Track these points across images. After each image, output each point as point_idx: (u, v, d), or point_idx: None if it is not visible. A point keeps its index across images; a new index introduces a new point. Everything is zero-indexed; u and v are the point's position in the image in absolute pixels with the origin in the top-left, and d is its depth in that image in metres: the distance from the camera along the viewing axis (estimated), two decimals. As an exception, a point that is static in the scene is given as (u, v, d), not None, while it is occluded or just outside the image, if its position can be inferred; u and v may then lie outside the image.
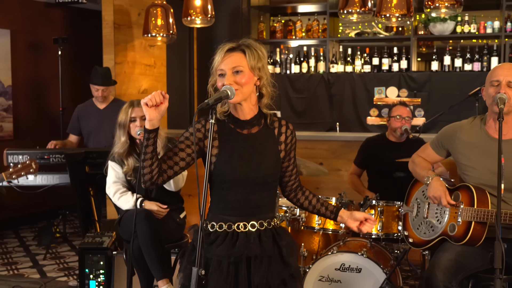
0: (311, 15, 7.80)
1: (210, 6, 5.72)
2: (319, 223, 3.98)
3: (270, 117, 2.48)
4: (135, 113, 3.83)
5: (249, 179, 2.41)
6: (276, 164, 2.47)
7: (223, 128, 2.47)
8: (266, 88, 2.45)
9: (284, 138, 2.50)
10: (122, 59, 6.07)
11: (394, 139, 4.60)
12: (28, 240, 6.55)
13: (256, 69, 2.40)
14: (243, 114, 2.45)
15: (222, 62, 2.39)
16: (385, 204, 3.94)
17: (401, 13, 5.04)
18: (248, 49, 2.40)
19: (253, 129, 2.46)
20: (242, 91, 2.38)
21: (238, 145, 2.44)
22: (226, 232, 2.42)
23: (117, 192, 3.78)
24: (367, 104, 7.10)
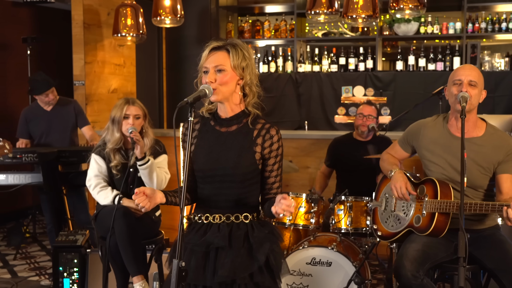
0: (278, 15, 7.91)
1: (180, 6, 5.79)
2: (289, 219, 4.09)
3: (253, 117, 2.51)
4: (129, 110, 3.87)
5: (217, 175, 2.50)
6: (247, 164, 2.49)
7: (203, 126, 2.58)
8: (250, 87, 2.50)
9: (261, 141, 2.51)
10: (92, 58, 6.09)
11: (360, 138, 4.73)
12: (-4, 240, 6.51)
13: (239, 69, 2.45)
14: (225, 112, 2.53)
15: (207, 60, 2.46)
16: (354, 199, 4.07)
17: (367, 14, 5.19)
18: (233, 49, 2.46)
19: (232, 127, 2.52)
20: (222, 90, 2.44)
21: (211, 142, 2.53)
22: (203, 223, 2.53)
23: (97, 186, 3.82)
24: (334, 103, 7.24)
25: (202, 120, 2.60)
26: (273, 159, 2.54)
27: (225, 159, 2.49)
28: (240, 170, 2.48)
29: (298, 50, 7.65)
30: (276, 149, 2.53)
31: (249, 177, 2.51)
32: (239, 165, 2.48)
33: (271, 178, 2.56)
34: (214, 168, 2.50)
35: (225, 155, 2.49)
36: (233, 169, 2.47)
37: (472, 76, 3.08)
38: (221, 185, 2.50)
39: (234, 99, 2.50)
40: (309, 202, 4.09)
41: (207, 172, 2.52)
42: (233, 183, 2.49)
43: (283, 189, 5.72)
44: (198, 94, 2.38)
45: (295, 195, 4.11)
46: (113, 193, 3.77)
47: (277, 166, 2.56)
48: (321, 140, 5.62)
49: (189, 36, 7.55)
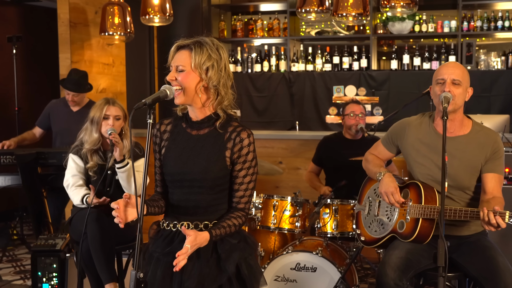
0: (272, 14, 7.80)
1: (169, 5, 5.68)
2: (274, 223, 3.98)
3: (223, 120, 2.38)
4: (109, 111, 3.76)
5: (185, 180, 2.39)
6: (217, 169, 2.36)
7: (175, 127, 2.47)
8: (217, 89, 2.36)
9: (232, 144, 2.38)
10: (79, 58, 5.98)
11: (350, 137, 4.63)
12: (-16, 243, 6.41)
13: (202, 69, 2.33)
14: (194, 115, 2.42)
15: (172, 59, 2.37)
16: (340, 202, 3.96)
17: (357, 12, 5.08)
18: (197, 48, 2.34)
19: (203, 130, 2.41)
20: (185, 93, 2.34)
21: (182, 145, 2.42)
22: (171, 230, 2.43)
23: (73, 185, 3.72)
24: (328, 103, 7.12)
25: (175, 121, 2.49)
26: (241, 165, 2.39)
27: (194, 164, 2.37)
28: (209, 175, 2.36)
29: (291, 49, 7.55)
30: (245, 154, 2.38)
31: (219, 183, 2.39)
32: (208, 170, 2.36)
33: (240, 191, 2.41)
34: (182, 173, 2.39)
35: (194, 159, 2.38)
36: (202, 174, 2.36)
37: (455, 74, 2.96)
38: (190, 190, 2.39)
39: (196, 102, 2.38)
40: (294, 206, 3.98)
41: (175, 177, 2.41)
42: (202, 188, 2.38)
43: (273, 191, 5.66)
44: (158, 95, 2.27)
45: (280, 199, 4.00)
46: (82, 193, 3.66)
47: (248, 178, 2.40)
48: (311, 140, 5.52)
49: (180, 35, 7.32)
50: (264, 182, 5.41)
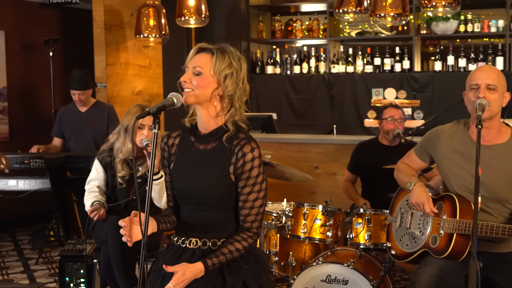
0: (311, 15, 7.65)
1: (204, 6, 5.61)
2: (304, 232, 3.82)
3: (231, 134, 2.25)
4: (145, 120, 3.57)
5: (192, 197, 2.28)
6: (222, 186, 2.24)
7: (183, 140, 2.35)
8: (231, 100, 2.24)
9: (235, 159, 2.24)
10: (114, 60, 5.97)
11: (387, 143, 4.43)
12: (23, 243, 6.46)
13: (220, 76, 2.21)
14: (203, 126, 2.29)
15: (190, 60, 2.25)
16: (373, 212, 3.77)
17: (396, 12, 4.89)
18: (218, 53, 2.22)
19: (210, 144, 2.29)
20: (195, 94, 2.21)
21: (189, 160, 2.31)
22: (179, 246, 2.33)
23: (87, 190, 3.66)
24: (369, 105, 6.93)
25: (183, 134, 2.37)
26: (244, 182, 2.23)
27: (199, 180, 2.26)
28: (215, 193, 2.24)
29: (331, 50, 7.38)
30: (248, 170, 2.23)
31: (225, 200, 2.26)
32: (213, 187, 2.24)
33: (245, 209, 2.27)
34: (188, 189, 2.28)
35: (199, 175, 2.26)
36: (207, 191, 2.24)
37: (490, 79, 2.75)
38: (197, 207, 2.28)
39: (210, 110, 2.25)
40: (325, 215, 3.82)
41: (182, 193, 2.31)
42: (209, 206, 2.26)
43: (309, 197, 5.51)
44: (164, 103, 2.16)
45: (311, 207, 3.85)
46: (91, 200, 3.58)
47: (253, 196, 2.25)
48: (348, 145, 5.33)
49: (218, 36, 7.36)
50: (299, 188, 5.27)
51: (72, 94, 5.18)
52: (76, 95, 5.15)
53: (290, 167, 4.05)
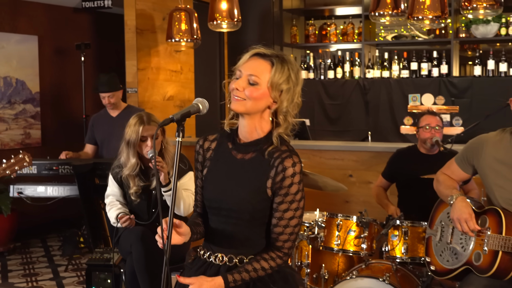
0: (346, 18, 7.48)
1: (237, 10, 5.50)
2: (338, 244, 3.67)
3: (274, 147, 2.08)
4: (146, 132, 3.48)
5: (222, 209, 2.13)
6: (256, 200, 2.08)
7: (219, 146, 2.19)
8: (285, 117, 2.08)
9: (274, 173, 2.07)
10: (146, 65, 5.90)
11: (425, 151, 4.25)
12: (53, 249, 6.44)
13: (277, 90, 2.04)
14: (244, 134, 2.13)
15: (244, 64, 2.06)
16: (410, 224, 3.59)
17: (434, 15, 4.70)
18: (278, 63, 2.05)
19: (248, 154, 2.12)
20: (246, 104, 2.03)
21: (224, 170, 2.15)
22: (204, 260, 2.19)
23: (109, 204, 3.57)
24: (405, 111, 6.73)
25: (220, 138, 2.20)
26: (281, 198, 2.07)
27: (232, 192, 2.10)
28: (248, 207, 2.08)
29: (366, 55, 7.20)
30: (287, 185, 2.06)
31: (258, 216, 2.10)
32: (246, 201, 2.08)
33: (278, 227, 2.10)
34: (219, 200, 2.13)
35: (233, 187, 2.11)
36: (239, 205, 2.09)
37: None
38: (227, 220, 2.13)
39: (258, 123, 2.09)
40: (359, 226, 3.65)
41: (212, 203, 2.16)
42: (240, 220, 2.10)
43: (342, 206, 5.34)
44: (188, 110, 2.02)
45: (344, 218, 3.69)
46: (114, 214, 3.48)
47: (289, 214, 2.08)
48: (384, 153, 5.14)
49: (250, 40, 7.25)
50: (332, 197, 5.11)
51: (101, 98, 5.13)
52: (105, 98, 5.09)
53: (323, 176, 3.89)
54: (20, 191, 4.32)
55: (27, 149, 6.66)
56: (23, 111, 6.68)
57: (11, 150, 6.50)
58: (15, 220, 6.15)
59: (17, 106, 6.62)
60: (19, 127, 6.66)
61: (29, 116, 6.75)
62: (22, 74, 6.64)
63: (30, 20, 6.73)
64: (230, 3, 5.46)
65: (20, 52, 6.59)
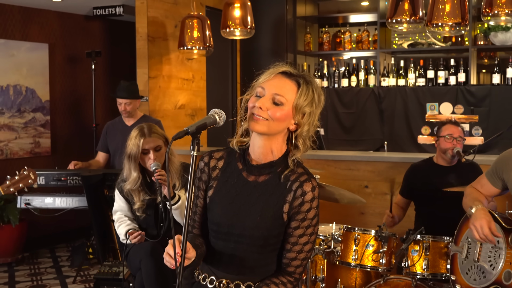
0: (361, 26, 7.34)
1: (250, 18, 5.40)
2: (355, 258, 3.52)
3: (290, 170, 1.98)
4: (147, 144, 3.35)
5: (233, 233, 1.99)
6: (271, 226, 1.96)
7: (228, 165, 2.05)
8: (304, 141, 1.98)
9: (291, 197, 1.96)
10: (157, 73, 5.80)
11: (444, 163, 4.09)
12: (62, 260, 6.33)
13: (300, 112, 1.94)
14: (258, 155, 2.00)
15: (268, 81, 1.94)
16: (432, 239, 3.44)
17: (454, 22, 4.56)
18: (304, 85, 1.95)
19: (262, 176, 2.00)
20: (269, 125, 1.92)
21: (234, 192, 2.01)
22: (207, 286, 2.04)
23: (117, 220, 3.44)
24: (421, 121, 6.59)
25: (228, 156, 2.07)
26: (298, 223, 1.96)
27: (246, 217, 1.97)
28: (262, 232, 1.95)
29: (381, 63, 7.05)
30: (305, 210, 1.95)
31: (272, 242, 1.98)
32: (261, 226, 1.95)
33: (292, 252, 1.99)
34: (231, 225, 1.99)
35: (246, 211, 1.97)
36: (253, 230, 1.95)
37: None
38: (236, 246, 1.99)
39: (275, 145, 1.98)
40: (378, 240, 3.50)
41: (221, 228, 2.01)
42: (252, 246, 1.97)
43: (358, 218, 5.19)
44: (204, 121, 1.88)
45: (362, 232, 3.54)
46: (124, 230, 3.36)
47: (304, 239, 1.97)
48: (401, 163, 5.00)
49: (263, 48, 7.15)
50: (347, 208, 4.96)
51: (118, 104, 5.03)
52: (122, 104, 4.99)
53: (340, 188, 3.75)
54: (27, 202, 4.21)
55: (36, 158, 6.62)
56: (32, 119, 6.59)
57: (20, 160, 6.43)
58: (24, 230, 6.05)
59: (27, 114, 6.54)
60: (29, 136, 6.57)
61: (38, 124, 6.67)
62: (32, 82, 6.57)
63: (41, 28, 6.65)
64: (243, 10, 5.37)
65: (30, 60, 6.52)
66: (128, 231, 3.35)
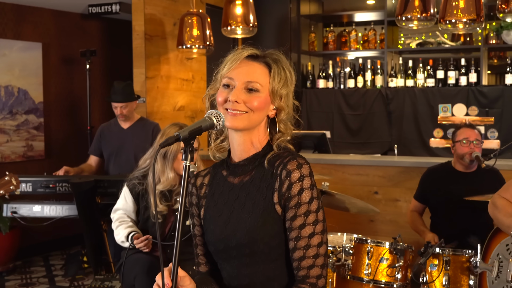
0: (367, 25, 7.07)
1: (252, 16, 5.12)
2: (368, 273, 3.23)
3: (273, 154, 1.73)
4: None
5: (230, 247, 1.71)
6: (266, 224, 1.67)
7: (213, 178, 1.82)
8: (285, 124, 1.76)
9: (278, 183, 1.69)
10: (155, 73, 5.52)
11: (462, 168, 3.82)
12: (56, 269, 6.05)
13: (277, 96, 1.72)
14: (239, 153, 1.76)
15: (235, 69, 1.72)
16: (452, 253, 3.15)
17: (469, 18, 4.29)
18: (275, 66, 1.73)
19: (247, 175, 1.75)
20: (250, 118, 1.69)
21: (221, 201, 1.76)
22: None
23: (117, 220, 3.17)
24: (431, 123, 6.32)
25: (213, 169, 1.83)
26: (294, 211, 1.67)
27: (237, 223, 1.70)
28: (259, 235, 1.67)
29: (389, 63, 6.79)
30: (296, 193, 1.66)
31: (274, 244, 1.69)
32: (256, 228, 1.67)
33: (298, 250, 1.67)
34: (225, 239, 1.72)
35: (237, 217, 1.71)
36: (248, 235, 1.67)
37: None
38: (240, 262, 1.71)
39: (255, 137, 1.74)
40: (393, 253, 3.22)
41: (218, 245, 1.74)
42: (255, 256, 1.69)
43: (367, 226, 4.92)
44: (199, 125, 1.62)
45: (376, 244, 3.26)
46: (126, 231, 3.08)
47: (307, 230, 1.66)
48: (413, 168, 4.73)
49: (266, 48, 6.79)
50: (355, 216, 4.68)
51: (113, 107, 4.75)
52: (118, 108, 4.71)
53: (351, 197, 3.48)
54: (14, 211, 3.94)
55: (29, 162, 6.33)
56: (25, 122, 6.31)
57: (12, 164, 6.15)
58: (15, 237, 5.77)
59: (19, 116, 6.26)
60: (21, 139, 6.29)
61: (31, 127, 6.38)
62: (25, 83, 6.29)
63: (34, 26, 6.38)
64: (245, 7, 5.09)
65: (23, 60, 6.24)
66: (130, 233, 3.08)
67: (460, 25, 4.34)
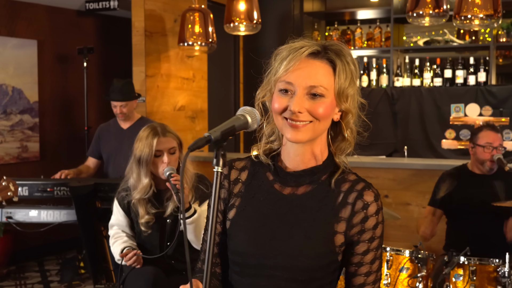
0: (372, 22, 6.89)
1: (256, 12, 4.92)
2: (387, 283, 3.04)
3: (341, 173, 1.53)
4: (161, 145, 2.87)
5: (264, 266, 1.48)
6: (319, 253, 1.47)
7: (253, 177, 1.57)
8: (351, 128, 1.54)
9: (349, 213, 1.49)
10: (155, 71, 5.31)
11: (480, 172, 3.62)
12: (51, 274, 5.83)
13: (344, 97, 1.48)
14: (295, 162, 1.53)
15: (294, 72, 1.45)
16: (479, 262, 2.97)
17: (486, 14, 4.12)
18: (339, 61, 1.47)
19: (302, 187, 1.52)
20: (315, 128, 1.46)
21: (265, 209, 1.52)
22: None
23: (113, 236, 2.97)
24: (438, 123, 6.15)
25: (253, 166, 1.59)
26: (365, 245, 1.49)
27: (283, 242, 1.47)
28: (307, 263, 1.46)
29: (395, 62, 6.61)
30: (371, 227, 1.49)
31: (319, 276, 1.48)
32: (306, 254, 1.46)
33: (358, 276, 1.51)
34: (262, 255, 1.48)
35: (284, 234, 1.48)
36: (294, 260, 1.46)
37: None
38: (270, 283, 1.48)
39: (317, 147, 1.52)
40: (414, 262, 3.03)
41: (248, 259, 1.50)
42: (291, 282, 1.47)
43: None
44: (232, 124, 1.38)
45: (395, 252, 3.06)
46: (119, 248, 2.88)
47: (370, 256, 1.50)
48: (425, 170, 4.55)
49: (268, 46, 6.66)
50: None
51: (113, 106, 4.54)
52: (117, 107, 4.50)
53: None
54: (9, 216, 3.72)
55: (24, 164, 6.11)
56: (20, 122, 6.09)
57: (6, 166, 5.93)
58: (9, 242, 5.55)
59: (13, 116, 6.03)
60: (15, 139, 6.06)
61: (26, 127, 6.16)
62: (20, 82, 6.07)
63: (29, 23, 6.16)
64: (248, 3, 4.90)
65: (17, 58, 6.02)
66: (123, 249, 2.87)
67: (476, 21, 4.18)
